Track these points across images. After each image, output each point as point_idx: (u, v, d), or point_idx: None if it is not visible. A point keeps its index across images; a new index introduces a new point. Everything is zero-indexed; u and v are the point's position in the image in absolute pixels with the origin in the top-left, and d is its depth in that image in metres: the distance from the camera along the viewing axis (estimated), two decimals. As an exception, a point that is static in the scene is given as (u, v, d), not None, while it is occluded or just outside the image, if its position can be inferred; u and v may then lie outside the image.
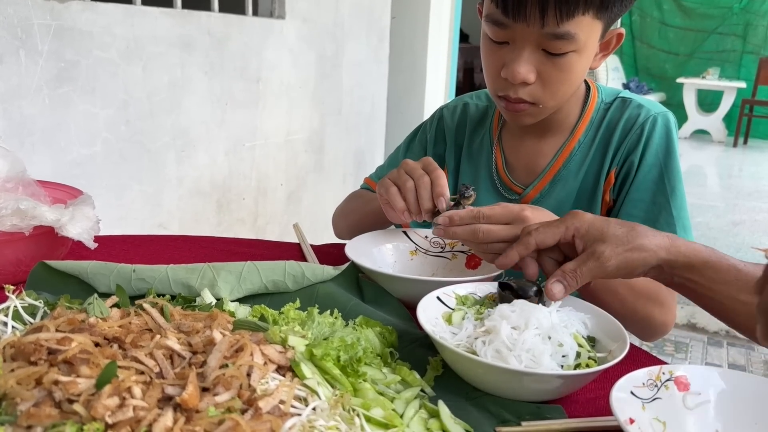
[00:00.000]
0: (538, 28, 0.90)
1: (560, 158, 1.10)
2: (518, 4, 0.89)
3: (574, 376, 0.66)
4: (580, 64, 0.96)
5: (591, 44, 0.95)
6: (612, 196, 1.08)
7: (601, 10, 0.91)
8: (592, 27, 0.93)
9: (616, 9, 0.93)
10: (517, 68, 0.93)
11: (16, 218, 0.91)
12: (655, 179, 1.04)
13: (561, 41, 0.91)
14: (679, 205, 1.03)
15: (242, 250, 1.16)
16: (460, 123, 1.23)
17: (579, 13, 0.89)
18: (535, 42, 0.92)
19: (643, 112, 1.06)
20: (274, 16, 2.56)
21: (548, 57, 0.93)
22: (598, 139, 1.09)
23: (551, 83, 0.96)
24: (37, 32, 1.67)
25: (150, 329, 0.65)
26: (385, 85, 3.41)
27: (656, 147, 1.04)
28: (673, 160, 1.04)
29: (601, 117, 1.10)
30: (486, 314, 0.74)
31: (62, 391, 0.52)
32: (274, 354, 0.62)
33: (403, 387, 0.68)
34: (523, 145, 1.14)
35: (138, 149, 2.04)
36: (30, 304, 0.73)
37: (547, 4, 0.88)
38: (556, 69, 0.95)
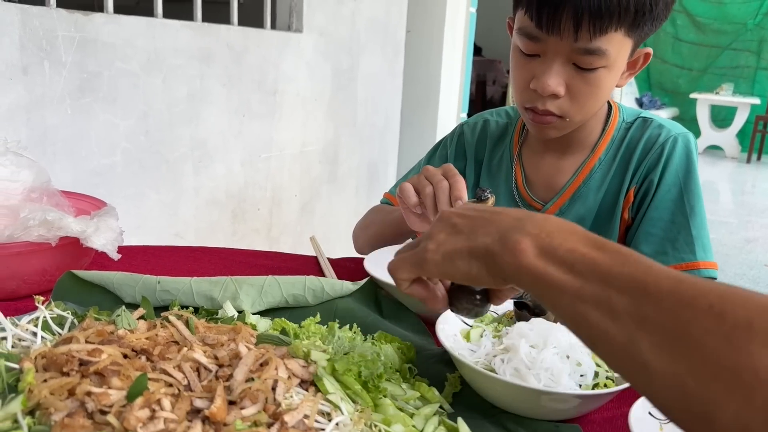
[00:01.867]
0: (571, 42, 0.91)
1: (580, 175, 1.11)
2: (552, 18, 0.91)
3: (593, 396, 0.66)
4: (609, 80, 0.98)
5: (620, 61, 0.97)
6: (630, 215, 1.09)
7: (632, 28, 0.93)
8: (623, 44, 0.94)
9: (647, 28, 0.95)
10: (547, 80, 0.95)
11: (43, 229, 0.93)
12: (674, 198, 1.05)
13: (592, 56, 0.93)
14: (699, 224, 1.04)
15: (260, 262, 1.18)
16: (480, 139, 1.25)
17: (612, 30, 0.91)
18: (566, 56, 0.94)
19: (664, 132, 1.08)
20: (292, 30, 2.59)
21: (578, 71, 0.95)
22: (619, 157, 1.10)
23: (580, 97, 0.98)
24: (62, 44, 1.70)
25: (176, 341, 0.67)
26: (399, 98, 3.44)
27: (676, 167, 1.05)
28: (693, 180, 1.05)
29: (622, 136, 1.11)
30: (504, 332, 0.75)
31: (95, 402, 0.53)
32: (297, 368, 0.63)
33: (422, 403, 0.69)
34: (544, 161, 1.16)
35: (157, 159, 2.06)
36: (58, 315, 0.74)
37: (581, 19, 0.89)
38: (586, 84, 0.96)
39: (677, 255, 1.03)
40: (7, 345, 0.67)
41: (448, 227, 0.59)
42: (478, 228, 0.57)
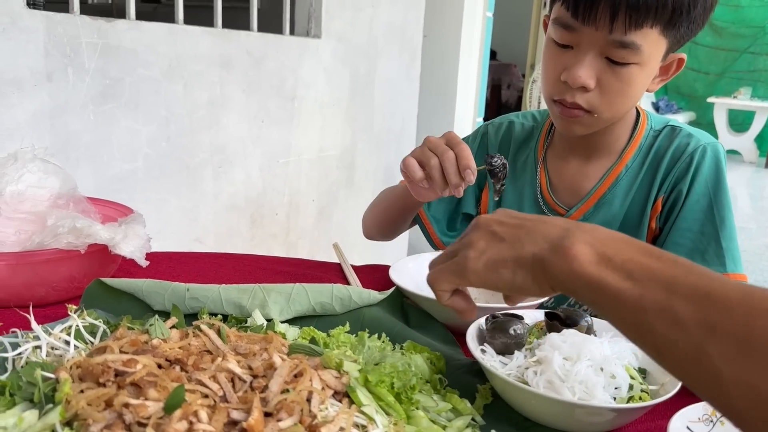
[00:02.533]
0: (606, 33, 0.91)
1: (606, 181, 1.10)
2: (589, 7, 0.91)
3: (628, 409, 0.66)
4: (641, 79, 0.97)
5: (653, 61, 0.96)
6: (658, 224, 1.08)
7: (668, 27, 0.92)
8: (658, 43, 0.94)
9: (683, 30, 0.94)
10: (577, 71, 0.95)
11: (72, 236, 0.94)
12: (703, 209, 1.04)
13: (625, 50, 0.92)
14: (729, 236, 1.03)
15: (284, 268, 1.18)
16: (504, 140, 1.24)
17: (647, 25, 0.90)
18: (600, 48, 0.94)
19: (693, 141, 1.07)
20: (310, 36, 2.60)
21: (610, 66, 0.94)
22: (647, 165, 1.09)
23: (610, 93, 0.97)
24: (85, 50, 1.72)
25: (209, 351, 0.67)
26: (415, 103, 3.43)
27: (705, 177, 1.04)
28: (722, 191, 1.04)
29: (650, 143, 1.10)
30: (535, 344, 0.75)
31: (132, 414, 0.53)
32: (331, 379, 0.63)
33: (454, 415, 0.69)
34: (569, 166, 1.15)
35: (177, 165, 2.07)
36: (90, 323, 0.74)
37: (618, 10, 0.89)
38: (617, 79, 0.95)
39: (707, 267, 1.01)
40: (41, 354, 0.67)
41: (488, 235, 0.59)
42: (522, 236, 0.56)
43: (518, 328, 0.75)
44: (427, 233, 1.30)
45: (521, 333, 0.75)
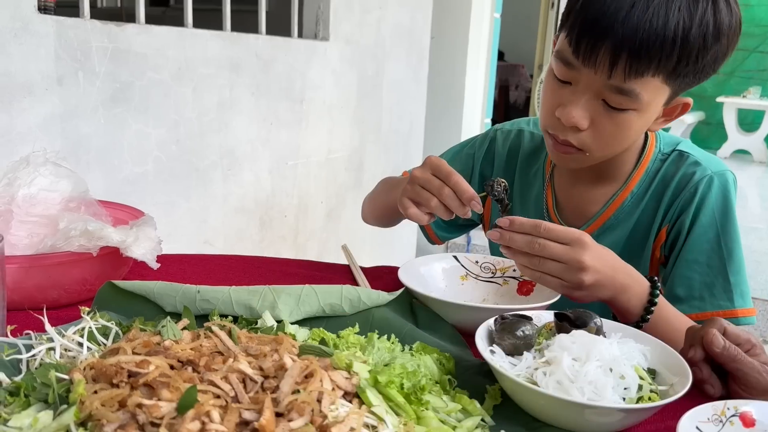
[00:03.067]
0: (605, 78, 0.89)
1: (611, 207, 1.09)
2: (591, 49, 0.88)
3: (638, 410, 0.66)
4: (638, 124, 0.95)
5: (654, 107, 0.94)
6: (664, 252, 1.07)
7: (672, 76, 0.90)
8: (659, 91, 0.92)
9: (689, 79, 0.92)
10: (571, 111, 0.93)
11: (84, 239, 0.95)
12: (710, 240, 1.02)
13: (623, 97, 0.90)
14: (737, 269, 1.01)
15: (293, 270, 1.19)
16: (512, 150, 1.23)
17: (648, 74, 0.88)
18: (597, 90, 0.92)
19: (699, 171, 1.04)
20: (319, 38, 2.61)
21: (606, 109, 0.92)
22: (651, 191, 1.07)
23: (603, 135, 0.95)
24: (95, 54, 1.73)
25: (220, 352, 0.67)
26: (423, 104, 3.44)
27: (712, 208, 1.02)
28: (730, 222, 1.02)
29: (657, 168, 1.08)
30: (544, 345, 0.75)
31: (146, 414, 0.54)
32: (341, 380, 0.63)
33: (464, 416, 0.69)
34: (575, 188, 1.13)
35: (187, 168, 2.09)
36: (103, 325, 0.75)
37: (619, 57, 0.87)
38: (612, 123, 0.93)
39: (714, 302, 1.01)
40: (55, 355, 0.68)
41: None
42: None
43: (527, 329, 0.75)
44: (424, 228, 1.31)
45: (530, 334, 0.75)
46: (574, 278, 0.85)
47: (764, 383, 0.73)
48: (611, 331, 0.79)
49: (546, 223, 0.85)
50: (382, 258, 2.98)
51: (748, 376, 0.74)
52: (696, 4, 0.87)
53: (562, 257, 0.84)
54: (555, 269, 0.85)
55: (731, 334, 0.77)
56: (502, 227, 0.87)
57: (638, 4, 0.86)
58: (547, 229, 0.85)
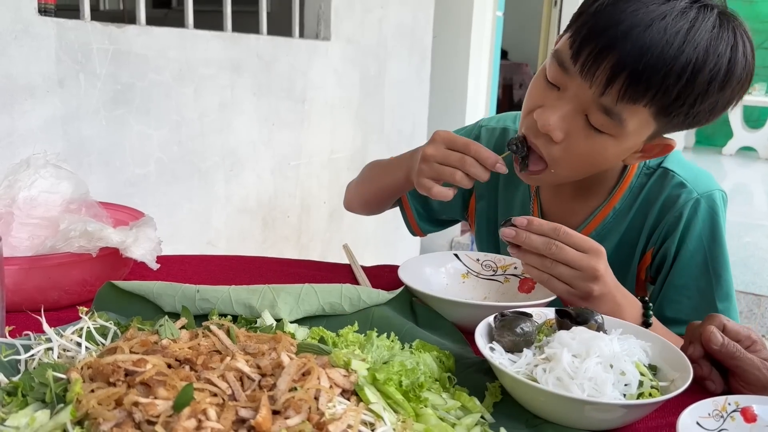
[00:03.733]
0: (596, 94, 0.84)
1: (594, 221, 1.07)
2: (591, 59, 0.83)
3: (638, 406, 0.65)
4: (612, 152, 0.91)
5: (634, 139, 0.90)
6: (650, 274, 1.05)
7: (663, 113, 0.86)
8: (645, 124, 0.88)
9: (678, 120, 0.87)
10: (550, 116, 0.88)
11: (84, 240, 0.95)
12: (698, 265, 0.99)
13: (607, 119, 0.86)
14: (725, 295, 0.99)
15: (294, 270, 1.19)
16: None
17: (641, 103, 0.84)
18: (583, 104, 0.87)
19: (684, 193, 0.99)
20: (320, 38, 2.61)
21: (585, 127, 0.88)
22: (634, 211, 1.04)
23: (573, 154, 0.91)
24: (96, 56, 1.73)
25: (218, 351, 0.67)
26: (426, 104, 3.43)
27: (699, 232, 0.99)
28: (718, 246, 0.99)
29: (641, 185, 1.03)
30: (545, 341, 0.74)
31: (142, 413, 0.54)
32: (339, 378, 0.63)
33: (463, 413, 0.69)
34: (558, 197, 1.11)
35: (189, 169, 2.09)
36: (101, 325, 0.75)
37: (617, 76, 0.82)
38: (586, 143, 0.89)
39: None
40: (53, 355, 0.68)
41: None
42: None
43: (526, 326, 0.75)
44: (407, 219, 1.29)
45: (530, 331, 0.75)
46: (584, 287, 0.84)
47: (764, 380, 0.73)
48: (612, 328, 0.78)
49: (565, 228, 0.83)
50: (386, 258, 2.97)
51: (748, 373, 0.73)
52: (717, 44, 0.82)
53: (578, 263, 0.82)
54: (567, 275, 0.83)
55: (731, 330, 0.76)
56: (519, 226, 0.84)
57: (656, 26, 0.80)
58: (566, 233, 0.82)
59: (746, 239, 4.42)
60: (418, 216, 1.29)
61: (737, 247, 4.22)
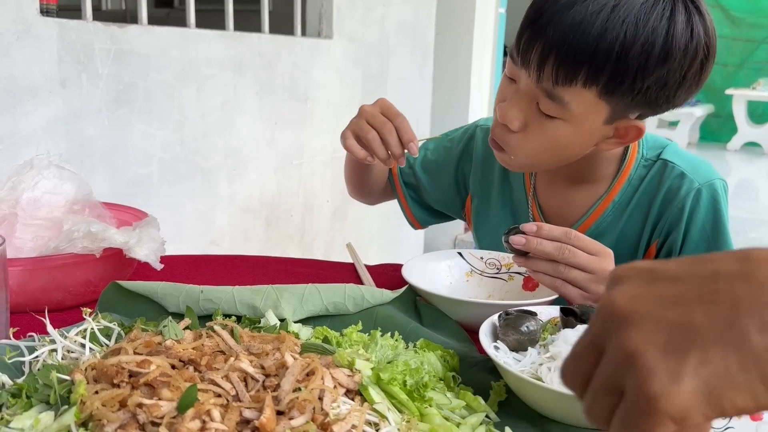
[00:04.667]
0: (534, 80, 0.87)
1: (593, 215, 1.06)
2: (525, 50, 0.87)
3: (644, 404, 0.65)
4: (568, 137, 0.91)
5: (588, 123, 0.90)
6: None
7: (607, 93, 0.85)
8: (594, 106, 0.87)
9: (629, 99, 0.87)
10: (508, 109, 0.92)
11: (87, 240, 0.95)
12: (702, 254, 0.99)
13: (552, 103, 0.88)
14: None
15: (298, 269, 1.19)
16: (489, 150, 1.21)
17: (578, 85, 0.85)
18: (532, 93, 0.90)
19: (686, 183, 0.99)
20: (322, 36, 2.61)
21: (539, 114, 0.90)
22: (634, 203, 1.03)
23: (530, 141, 0.93)
24: (98, 56, 1.73)
25: (222, 351, 0.67)
26: (429, 102, 3.43)
27: (702, 222, 0.99)
28: (721, 235, 0.99)
29: (641, 176, 1.03)
30: (549, 340, 0.74)
31: (146, 414, 0.53)
32: (343, 378, 0.63)
33: (468, 412, 0.68)
34: (554, 191, 1.11)
35: (192, 168, 2.09)
36: (105, 326, 0.75)
37: (546, 60, 0.84)
38: (541, 130, 0.91)
39: None
40: (57, 356, 0.68)
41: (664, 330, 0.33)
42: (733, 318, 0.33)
43: (531, 324, 0.75)
44: (402, 206, 1.30)
45: (534, 329, 0.75)
46: (598, 289, 0.83)
47: None
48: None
49: (575, 231, 0.83)
50: (389, 257, 2.97)
51: None
52: (648, 18, 0.81)
53: (591, 267, 0.82)
54: (580, 279, 0.83)
55: None
56: (528, 233, 0.83)
57: (578, 7, 0.82)
58: (577, 237, 0.83)
59: (751, 235, 4.40)
60: (412, 201, 1.28)
61: (742, 243, 4.18)
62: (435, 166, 1.26)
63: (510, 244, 0.85)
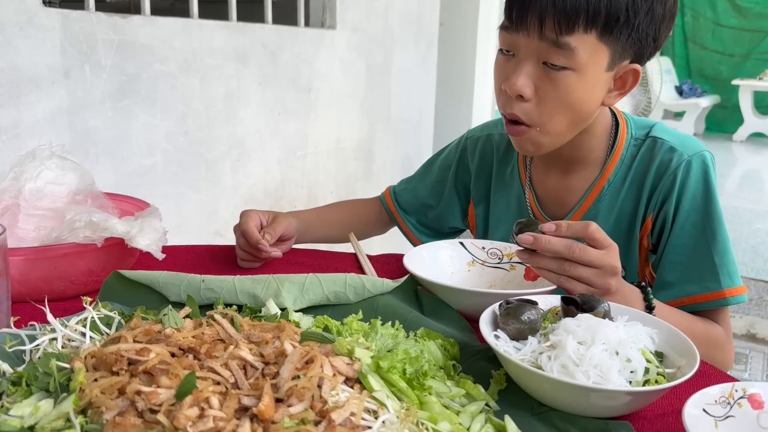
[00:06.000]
0: (537, 38, 0.90)
1: (590, 197, 1.08)
2: (520, 14, 0.90)
3: (644, 393, 0.65)
4: (580, 88, 0.94)
5: (593, 69, 0.93)
6: (651, 241, 1.07)
7: (606, 34, 0.90)
8: (596, 50, 0.91)
9: (627, 40, 0.91)
10: (515, 80, 0.93)
11: (89, 230, 0.95)
12: (695, 224, 1.01)
13: (559, 51, 0.90)
14: (722, 250, 1.00)
15: (300, 259, 1.19)
16: (483, 156, 1.24)
17: (579, 29, 0.89)
18: (536, 55, 0.92)
19: (676, 156, 1.03)
20: (325, 27, 2.60)
21: (547, 73, 0.93)
22: (629, 180, 1.06)
23: (547, 102, 0.94)
24: (101, 47, 1.73)
25: (222, 339, 0.67)
26: (433, 92, 3.42)
27: (693, 192, 1.02)
28: (712, 204, 1.01)
29: (632, 155, 1.06)
30: (550, 329, 0.74)
31: (145, 401, 0.54)
32: (342, 366, 0.63)
33: (468, 401, 0.68)
34: (550, 179, 1.13)
35: (196, 159, 2.09)
36: (105, 315, 0.75)
37: (545, 16, 0.88)
38: (553, 86, 0.93)
39: (703, 285, 1.01)
40: (57, 345, 0.68)
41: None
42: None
43: (531, 313, 0.75)
44: (407, 236, 1.37)
45: (535, 318, 0.75)
46: (605, 284, 0.84)
47: None
48: (618, 315, 0.78)
49: (594, 225, 0.84)
50: (392, 247, 2.96)
51: None
52: None
53: (598, 262, 0.83)
54: (587, 274, 0.83)
55: None
56: (547, 232, 0.83)
57: None
58: (596, 230, 0.84)
59: (756, 226, 4.38)
60: (418, 232, 1.35)
61: (747, 233, 4.19)
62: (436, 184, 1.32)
63: (518, 242, 0.85)
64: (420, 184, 1.34)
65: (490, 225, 1.24)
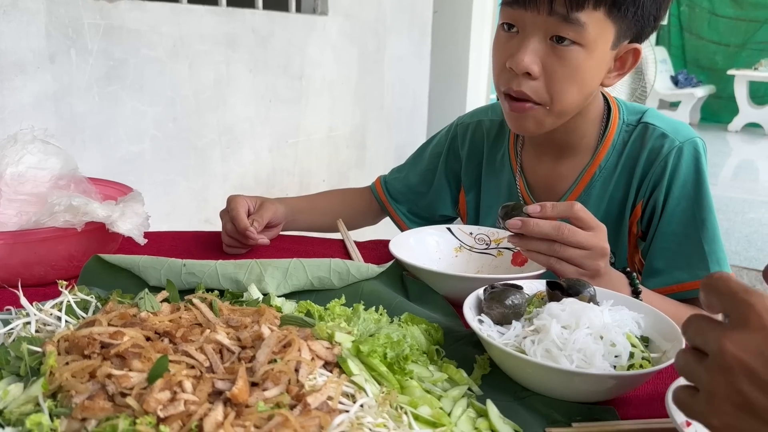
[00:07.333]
0: (546, 14, 0.88)
1: (581, 183, 1.07)
2: None
3: (628, 377, 0.64)
4: (587, 64, 0.93)
5: (600, 46, 0.92)
6: (641, 228, 1.06)
7: (613, 11, 0.89)
8: (603, 26, 0.90)
9: (630, 16, 0.90)
10: (522, 56, 0.91)
11: (69, 214, 0.94)
12: (684, 210, 1.01)
13: (569, 26, 0.89)
14: (711, 237, 1.00)
15: (287, 245, 1.17)
16: (473, 144, 1.22)
17: (589, 5, 0.87)
18: (544, 31, 0.91)
19: (667, 142, 1.02)
20: (317, 13, 2.57)
21: (554, 49, 0.91)
22: (621, 166, 1.05)
23: (555, 80, 0.93)
24: (87, 32, 1.71)
25: (199, 324, 0.66)
26: (426, 80, 3.40)
27: (683, 178, 1.01)
28: (702, 191, 1.01)
29: (624, 141, 1.06)
30: (534, 313, 0.73)
31: (115, 385, 0.52)
32: (321, 350, 0.62)
33: (450, 385, 0.67)
34: (541, 166, 1.12)
35: (185, 146, 2.07)
36: (82, 299, 0.74)
37: None
38: (562, 64, 0.92)
39: (692, 272, 1.00)
40: (31, 329, 0.67)
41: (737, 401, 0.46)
42: None
43: (516, 298, 0.74)
44: (398, 224, 1.35)
45: (519, 303, 0.73)
46: (594, 265, 0.84)
47: None
48: (603, 299, 0.77)
49: (578, 204, 0.83)
50: (383, 233, 2.95)
51: None
52: None
53: (588, 243, 0.82)
54: (577, 256, 0.83)
55: None
56: (532, 214, 0.83)
57: None
58: (580, 209, 0.83)
59: (750, 215, 4.39)
60: (409, 221, 1.33)
61: (741, 223, 4.19)
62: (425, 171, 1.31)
63: (505, 226, 0.84)
64: (410, 172, 1.33)
65: (481, 212, 1.23)
